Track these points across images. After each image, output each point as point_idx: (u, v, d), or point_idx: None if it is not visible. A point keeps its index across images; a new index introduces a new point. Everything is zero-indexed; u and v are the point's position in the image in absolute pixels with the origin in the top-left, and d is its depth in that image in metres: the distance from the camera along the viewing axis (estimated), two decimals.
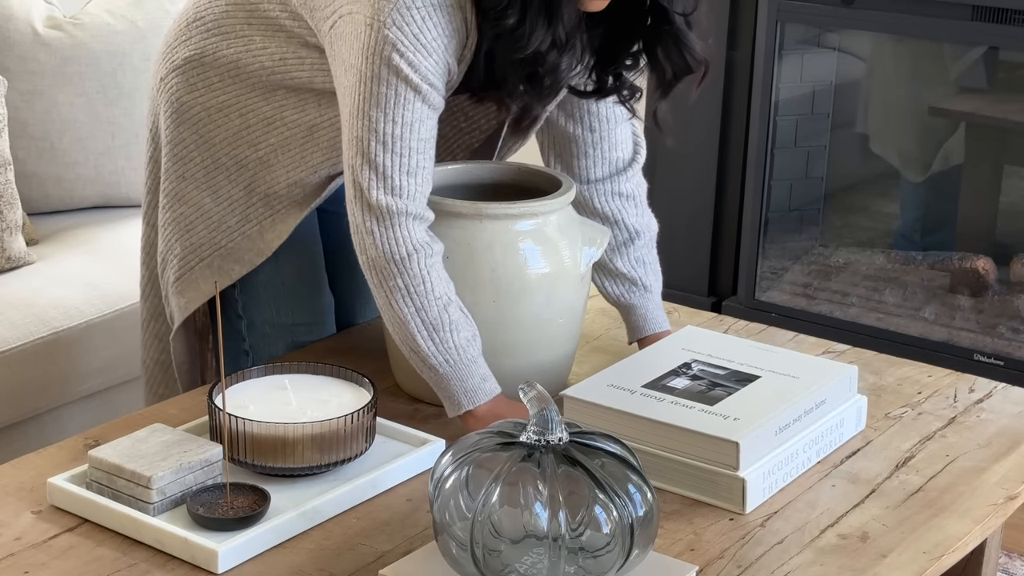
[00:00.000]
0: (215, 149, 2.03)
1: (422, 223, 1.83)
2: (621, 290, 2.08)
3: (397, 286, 1.81)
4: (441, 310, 1.82)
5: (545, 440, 1.49)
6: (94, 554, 1.59)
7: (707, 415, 1.75)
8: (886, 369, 2.08)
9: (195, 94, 2.02)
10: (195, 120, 2.03)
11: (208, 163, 2.03)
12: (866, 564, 1.61)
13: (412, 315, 1.82)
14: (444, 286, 1.83)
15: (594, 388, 1.82)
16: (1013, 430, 1.93)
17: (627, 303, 2.09)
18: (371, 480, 1.72)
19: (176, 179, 2.06)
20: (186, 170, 2.05)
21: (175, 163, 2.05)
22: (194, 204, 2.05)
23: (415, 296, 1.81)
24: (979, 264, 3.46)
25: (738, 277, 3.57)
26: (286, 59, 1.94)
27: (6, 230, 2.77)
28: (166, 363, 2.19)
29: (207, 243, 2.05)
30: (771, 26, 3.38)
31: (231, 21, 1.98)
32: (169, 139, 2.06)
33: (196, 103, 2.03)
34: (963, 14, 3.16)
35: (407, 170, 1.80)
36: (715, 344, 1.95)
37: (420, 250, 1.81)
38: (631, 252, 2.09)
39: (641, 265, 2.09)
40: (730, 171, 3.55)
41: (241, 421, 1.69)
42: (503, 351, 1.90)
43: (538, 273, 1.89)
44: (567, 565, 1.46)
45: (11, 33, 2.95)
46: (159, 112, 2.09)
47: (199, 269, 2.06)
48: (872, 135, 3.70)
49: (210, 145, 2.03)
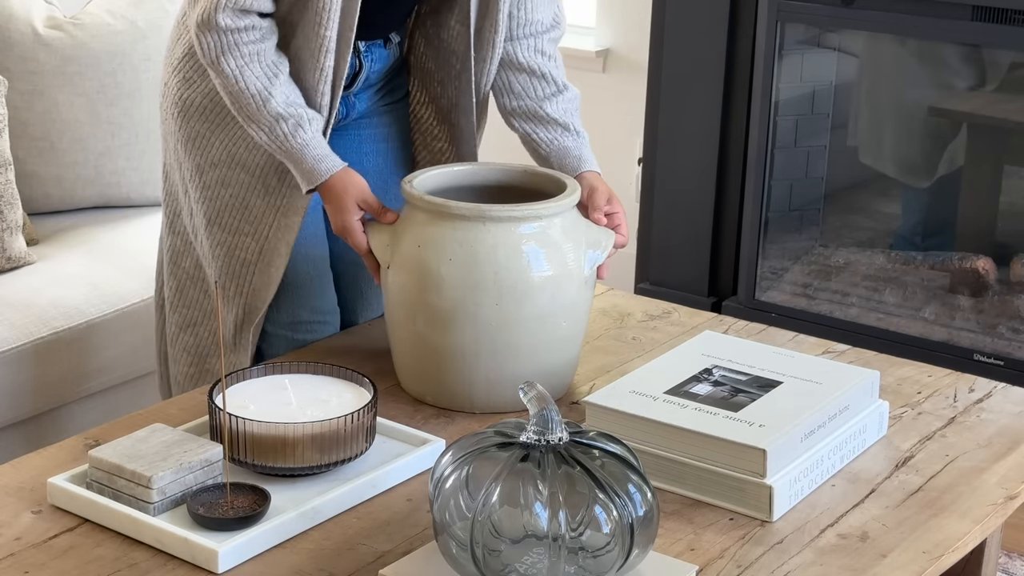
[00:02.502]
0: (229, 126, 2.08)
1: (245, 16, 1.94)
2: (553, 135, 2.14)
3: (219, 85, 1.98)
4: (260, 106, 1.96)
5: (545, 440, 1.49)
6: (94, 554, 1.59)
7: (732, 422, 1.74)
8: (886, 369, 2.08)
9: (193, 87, 2.08)
10: (201, 109, 2.08)
11: (226, 140, 2.08)
12: (866, 564, 1.61)
13: (237, 111, 1.99)
14: (262, 82, 1.96)
15: (616, 394, 1.81)
16: (1013, 430, 1.93)
17: (560, 146, 2.14)
18: (371, 480, 1.72)
19: (206, 168, 2.10)
20: (209, 157, 2.10)
21: (198, 154, 2.10)
22: (228, 185, 2.11)
23: (231, 92, 1.98)
24: (979, 264, 3.46)
25: (738, 277, 3.57)
26: None
27: (6, 230, 2.77)
28: (196, 376, 2.20)
29: (244, 245, 2.12)
30: (771, 26, 3.38)
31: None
32: (185, 136, 2.09)
33: (196, 94, 2.08)
34: (963, 14, 3.16)
35: None
36: (735, 349, 1.95)
37: (234, 45, 1.95)
38: (560, 102, 2.16)
39: (571, 115, 2.16)
40: (730, 171, 3.55)
41: (241, 421, 1.69)
42: (507, 353, 1.90)
43: (542, 275, 1.89)
44: (567, 565, 1.46)
45: (11, 33, 2.95)
46: (168, 117, 2.13)
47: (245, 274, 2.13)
48: (873, 136, 3.70)
49: (223, 125, 2.08)
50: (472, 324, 1.89)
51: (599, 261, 1.96)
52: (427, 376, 1.94)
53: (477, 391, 1.92)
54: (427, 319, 1.90)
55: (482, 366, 1.91)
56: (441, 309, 1.89)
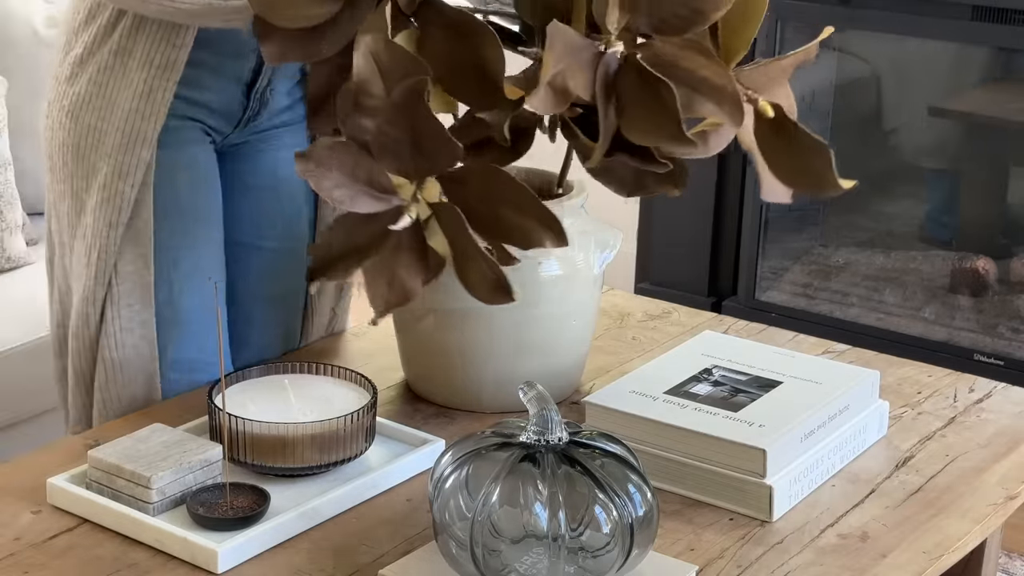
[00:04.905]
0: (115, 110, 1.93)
1: None
2: None
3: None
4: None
5: (545, 440, 1.49)
6: (94, 554, 1.59)
7: (732, 422, 1.74)
8: (886, 369, 2.07)
9: (77, 81, 1.94)
10: (87, 98, 1.93)
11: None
12: (866, 564, 1.61)
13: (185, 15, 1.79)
14: None
15: (616, 395, 1.81)
16: (1013, 430, 1.93)
17: None
18: (371, 480, 1.72)
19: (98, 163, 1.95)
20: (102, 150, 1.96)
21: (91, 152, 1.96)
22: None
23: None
24: (979, 264, 3.46)
25: (738, 277, 3.58)
26: None
27: (6, 230, 2.77)
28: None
29: None
30: (771, 26, 3.38)
31: None
32: (75, 141, 1.97)
33: (81, 84, 1.94)
34: (963, 14, 3.16)
35: None
36: (735, 349, 1.95)
37: None
38: None
39: None
40: (730, 171, 3.56)
41: (241, 421, 1.69)
42: (516, 353, 1.90)
43: (551, 275, 1.89)
44: (567, 565, 1.46)
45: (11, 33, 2.95)
46: (56, 129, 1.99)
47: None
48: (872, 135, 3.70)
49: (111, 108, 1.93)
50: (482, 324, 1.88)
51: (608, 260, 1.97)
52: (435, 376, 1.94)
53: (486, 391, 1.92)
54: (436, 319, 1.90)
55: (492, 366, 1.91)
56: (451, 309, 1.88)
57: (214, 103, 1.95)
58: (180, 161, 1.94)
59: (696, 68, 1.49)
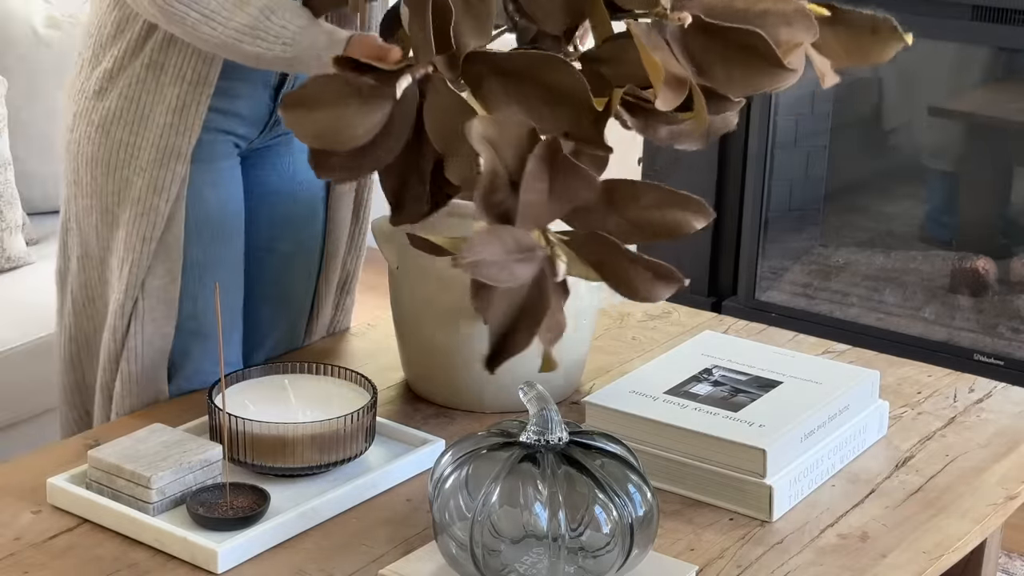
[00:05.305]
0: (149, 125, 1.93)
1: None
2: None
3: (193, 19, 1.74)
4: (247, 12, 1.73)
5: (545, 440, 1.49)
6: (94, 554, 1.59)
7: (732, 422, 1.74)
8: (886, 369, 2.07)
9: (107, 96, 1.94)
10: (119, 113, 1.93)
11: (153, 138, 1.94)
12: (866, 564, 1.61)
13: (226, 33, 1.74)
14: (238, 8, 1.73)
15: (616, 395, 1.81)
16: (1013, 430, 1.93)
17: None
18: (371, 480, 1.72)
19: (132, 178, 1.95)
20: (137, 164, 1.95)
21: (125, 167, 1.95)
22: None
23: (213, 16, 1.74)
24: (979, 264, 3.46)
25: (738, 277, 3.57)
26: None
27: (6, 230, 2.77)
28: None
29: None
30: None
31: None
32: (106, 155, 1.96)
33: (112, 100, 1.94)
34: (963, 14, 3.16)
35: None
36: (735, 349, 1.95)
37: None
38: None
39: None
40: (730, 171, 3.55)
41: (241, 421, 1.69)
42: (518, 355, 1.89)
43: None
44: (567, 565, 1.46)
45: (11, 33, 2.95)
46: (83, 143, 1.98)
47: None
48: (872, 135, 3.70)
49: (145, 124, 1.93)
50: (482, 324, 1.88)
51: None
52: (437, 376, 1.94)
53: (488, 391, 1.92)
54: (438, 319, 1.90)
55: None
56: (452, 309, 1.88)
57: (244, 110, 1.95)
58: (210, 177, 1.94)
59: (750, 5, 1.51)
